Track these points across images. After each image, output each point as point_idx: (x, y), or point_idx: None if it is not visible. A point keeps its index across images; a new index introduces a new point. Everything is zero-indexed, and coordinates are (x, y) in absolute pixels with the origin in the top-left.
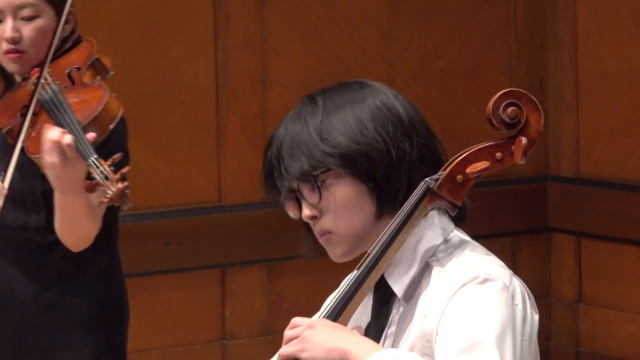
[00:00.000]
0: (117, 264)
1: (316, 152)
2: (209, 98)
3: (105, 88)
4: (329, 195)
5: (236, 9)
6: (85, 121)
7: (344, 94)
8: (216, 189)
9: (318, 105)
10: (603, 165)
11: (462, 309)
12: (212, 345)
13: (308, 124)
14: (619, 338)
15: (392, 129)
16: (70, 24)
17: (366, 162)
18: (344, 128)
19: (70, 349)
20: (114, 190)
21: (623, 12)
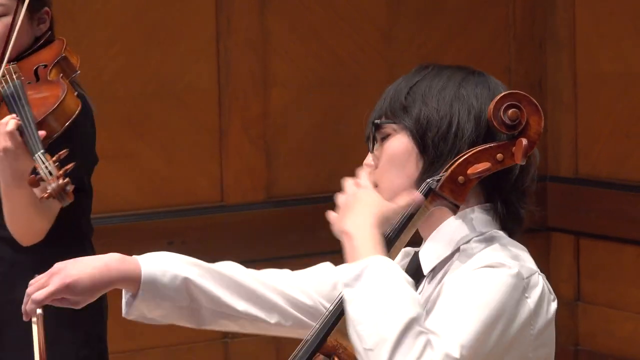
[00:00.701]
0: (90, 254)
1: (396, 104)
2: (211, 98)
3: (64, 85)
4: (385, 147)
5: (238, 10)
6: (40, 117)
7: (452, 70)
8: (218, 188)
9: (427, 69)
10: (601, 166)
11: (461, 287)
12: (214, 343)
13: (408, 80)
14: (618, 337)
15: (467, 113)
16: (45, 24)
17: (427, 127)
18: (428, 94)
19: (50, 340)
20: (53, 186)
21: (621, 14)
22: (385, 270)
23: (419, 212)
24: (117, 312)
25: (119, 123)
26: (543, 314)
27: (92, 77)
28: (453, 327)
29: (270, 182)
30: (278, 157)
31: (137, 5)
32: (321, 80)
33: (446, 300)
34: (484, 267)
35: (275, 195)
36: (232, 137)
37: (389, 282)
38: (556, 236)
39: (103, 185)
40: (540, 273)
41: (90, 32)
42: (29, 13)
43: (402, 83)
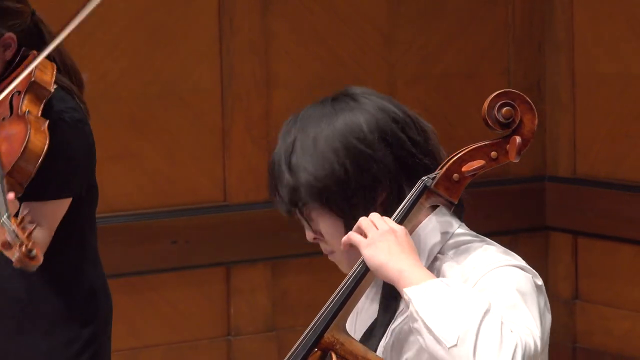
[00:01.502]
0: (90, 259)
1: (289, 186)
2: (214, 99)
3: (29, 124)
4: (317, 223)
5: (240, 13)
6: (9, 166)
7: (314, 119)
8: (221, 188)
9: (290, 135)
10: (599, 166)
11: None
12: (217, 341)
13: (282, 154)
14: (615, 335)
15: (354, 152)
16: (11, 49)
17: (329, 194)
18: (305, 163)
19: (42, 336)
20: (17, 256)
21: (618, 16)
22: (445, 280)
23: (415, 210)
24: (119, 310)
25: (123, 123)
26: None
27: (96, 78)
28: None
29: None
30: None
31: (140, 7)
32: (322, 81)
33: (494, 297)
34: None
35: None
36: (234, 137)
37: (453, 287)
38: (554, 235)
39: (106, 185)
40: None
41: (94, 33)
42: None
43: (281, 159)
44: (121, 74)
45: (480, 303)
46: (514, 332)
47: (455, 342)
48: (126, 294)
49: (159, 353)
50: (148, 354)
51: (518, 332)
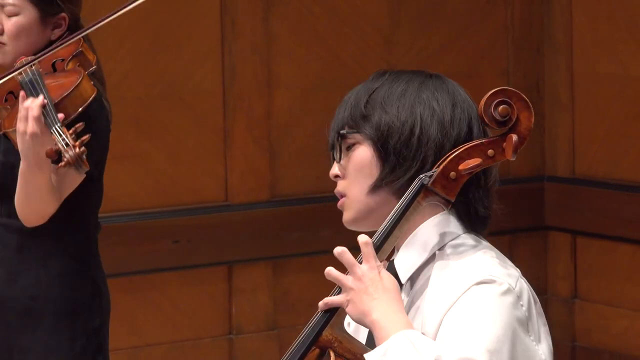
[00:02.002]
0: (93, 254)
1: (356, 113)
2: (216, 100)
3: (81, 71)
4: (351, 157)
5: (242, 14)
6: (57, 98)
7: (409, 75)
8: (223, 188)
9: (384, 76)
10: (598, 166)
11: (461, 318)
12: (219, 339)
13: (366, 88)
14: (613, 333)
15: (429, 116)
16: (61, 29)
17: (386, 132)
18: (387, 100)
19: (47, 331)
20: (70, 154)
21: (617, 18)
22: (407, 343)
23: (412, 209)
24: (121, 308)
25: (126, 124)
26: (534, 313)
27: None
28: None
29: (274, 181)
30: (282, 157)
31: (144, 10)
32: (324, 82)
33: (453, 332)
34: (477, 285)
35: (279, 194)
36: (236, 137)
37: (410, 354)
38: (553, 235)
39: (110, 185)
40: (521, 276)
41: (98, 35)
42: (42, 16)
43: (361, 91)
44: (125, 75)
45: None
46: None
47: None
48: (129, 293)
49: (161, 352)
50: (150, 352)
51: None
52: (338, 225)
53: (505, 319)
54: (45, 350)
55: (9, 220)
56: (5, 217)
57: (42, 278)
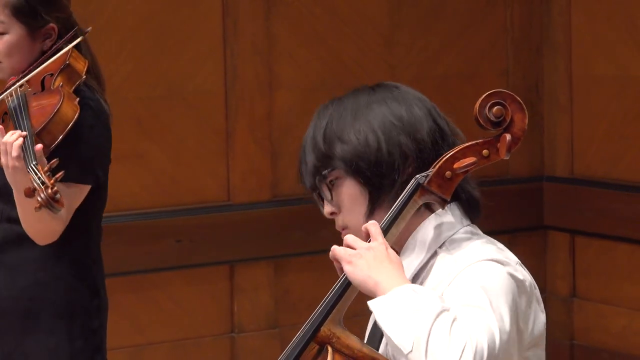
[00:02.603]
0: (93, 255)
1: (319, 154)
2: (218, 101)
3: (61, 93)
4: (339, 193)
5: (244, 16)
6: (38, 126)
7: (352, 98)
8: (225, 188)
9: (328, 109)
10: (596, 166)
11: (465, 282)
12: (221, 338)
13: (317, 127)
14: (612, 332)
15: (388, 126)
16: (52, 38)
17: (356, 160)
18: (341, 131)
19: (45, 333)
20: (42, 197)
21: (616, 19)
22: (411, 291)
23: (408, 207)
24: (124, 307)
25: (129, 125)
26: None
27: None
28: (475, 310)
29: (275, 181)
30: (283, 158)
31: (146, 11)
32: (325, 83)
33: (455, 295)
34: (481, 261)
35: (280, 194)
36: (238, 138)
37: (415, 293)
38: (552, 234)
39: (113, 185)
40: (520, 263)
41: (101, 37)
42: (30, 31)
43: (315, 131)
44: (127, 76)
45: (434, 306)
46: (464, 331)
47: (410, 348)
48: (131, 292)
49: (163, 350)
50: (153, 351)
51: (470, 330)
52: None
53: (506, 288)
54: (44, 351)
55: (9, 224)
56: (5, 221)
57: (41, 280)
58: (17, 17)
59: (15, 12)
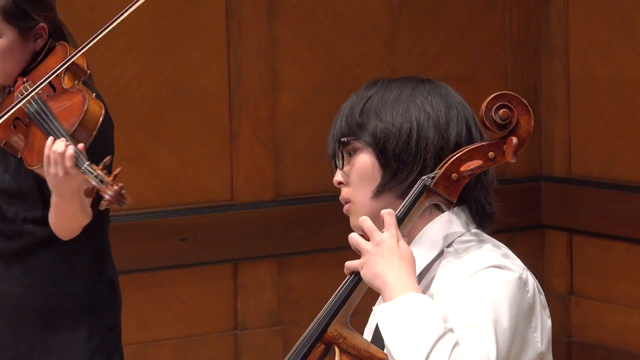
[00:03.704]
0: (107, 250)
1: (352, 122)
2: (222, 102)
3: (84, 92)
4: (354, 164)
5: (248, 19)
6: (71, 129)
7: (401, 82)
8: (229, 188)
9: (376, 86)
10: (593, 166)
11: (470, 291)
12: (225, 335)
13: (359, 98)
14: (608, 329)
15: (424, 119)
16: (43, 38)
17: (384, 139)
18: (381, 108)
19: (66, 329)
20: (110, 194)
21: (612, 22)
22: (416, 302)
23: (415, 208)
24: (130, 305)
25: (135, 126)
26: (537, 303)
27: (110, 82)
28: (477, 334)
29: (278, 181)
30: (286, 158)
31: (152, 14)
32: (327, 85)
33: (461, 302)
34: (487, 269)
35: (283, 194)
36: (242, 139)
37: (421, 305)
38: (550, 233)
39: None
40: (526, 268)
41: (107, 39)
42: (21, 33)
43: (356, 100)
44: (133, 77)
45: (437, 326)
46: (463, 357)
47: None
48: (137, 290)
49: (168, 347)
50: (158, 347)
51: (469, 357)
52: (340, 224)
53: (511, 299)
54: (64, 347)
55: (25, 224)
56: (21, 221)
57: (59, 277)
58: (8, 20)
59: (6, 15)
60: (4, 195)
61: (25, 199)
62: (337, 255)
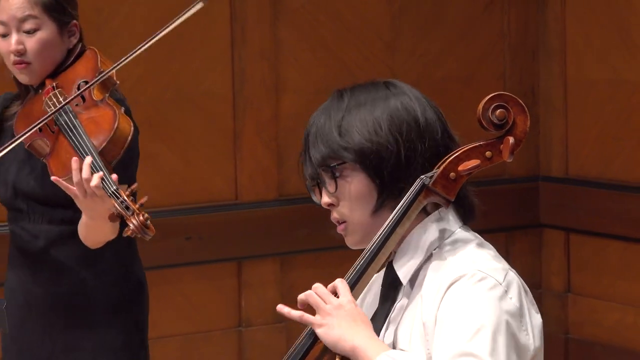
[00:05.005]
0: (134, 250)
1: (334, 145)
2: (226, 104)
3: (114, 107)
4: (344, 186)
5: (251, 21)
6: (100, 146)
7: (369, 93)
8: (233, 187)
9: (344, 101)
10: (590, 166)
11: (453, 312)
12: (229, 332)
13: (331, 117)
14: (605, 326)
15: (407, 130)
16: (75, 36)
17: (376, 159)
18: (361, 126)
19: (94, 328)
20: (135, 224)
21: (608, 25)
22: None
23: (413, 207)
24: None
25: (140, 126)
26: (524, 304)
27: None
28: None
29: (281, 181)
30: (289, 158)
31: (157, 17)
32: (329, 86)
33: (443, 342)
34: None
35: (286, 193)
36: (246, 139)
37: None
38: (548, 232)
39: None
40: (510, 269)
41: (113, 41)
42: (59, 27)
43: (327, 120)
44: (139, 79)
45: None
46: None
47: None
48: None
49: (174, 343)
50: (164, 344)
51: None
52: None
53: (495, 312)
54: (93, 346)
55: (50, 225)
56: (47, 222)
57: (87, 277)
58: (48, 13)
59: (46, 8)
60: (30, 198)
61: (50, 201)
62: (339, 253)
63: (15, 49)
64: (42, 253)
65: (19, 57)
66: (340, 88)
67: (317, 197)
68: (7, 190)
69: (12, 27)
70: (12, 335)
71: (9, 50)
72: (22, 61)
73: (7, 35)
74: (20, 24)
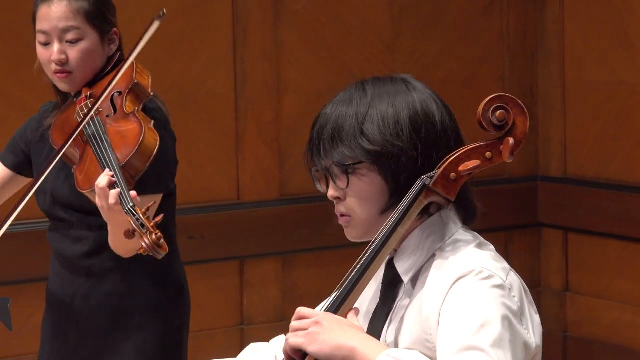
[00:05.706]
0: (176, 254)
1: (354, 145)
2: (228, 105)
3: (141, 121)
4: (356, 184)
5: (253, 23)
6: (124, 160)
7: (391, 89)
8: (235, 187)
9: (367, 95)
10: (588, 167)
11: (459, 307)
12: (231, 330)
13: (353, 111)
14: (603, 324)
15: (426, 135)
16: (115, 44)
17: (395, 164)
18: (383, 127)
19: (133, 330)
20: (147, 242)
21: (607, 27)
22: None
23: (414, 207)
24: None
25: None
26: (525, 303)
27: None
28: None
29: (283, 181)
30: (290, 159)
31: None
32: (330, 88)
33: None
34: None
35: (287, 193)
36: (248, 140)
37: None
38: (546, 231)
39: None
40: (511, 269)
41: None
42: (101, 36)
43: (347, 116)
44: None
45: None
46: None
47: None
48: None
49: None
50: None
51: None
52: None
53: (500, 309)
54: (132, 348)
55: (89, 231)
56: (86, 229)
57: (126, 282)
58: (91, 22)
59: (89, 17)
60: (67, 206)
61: (86, 209)
62: (341, 252)
63: (57, 59)
64: (82, 257)
65: (61, 67)
66: (360, 80)
67: (323, 187)
68: (47, 199)
69: (54, 36)
70: (52, 340)
71: (50, 59)
72: (63, 70)
73: (48, 44)
74: (62, 34)
